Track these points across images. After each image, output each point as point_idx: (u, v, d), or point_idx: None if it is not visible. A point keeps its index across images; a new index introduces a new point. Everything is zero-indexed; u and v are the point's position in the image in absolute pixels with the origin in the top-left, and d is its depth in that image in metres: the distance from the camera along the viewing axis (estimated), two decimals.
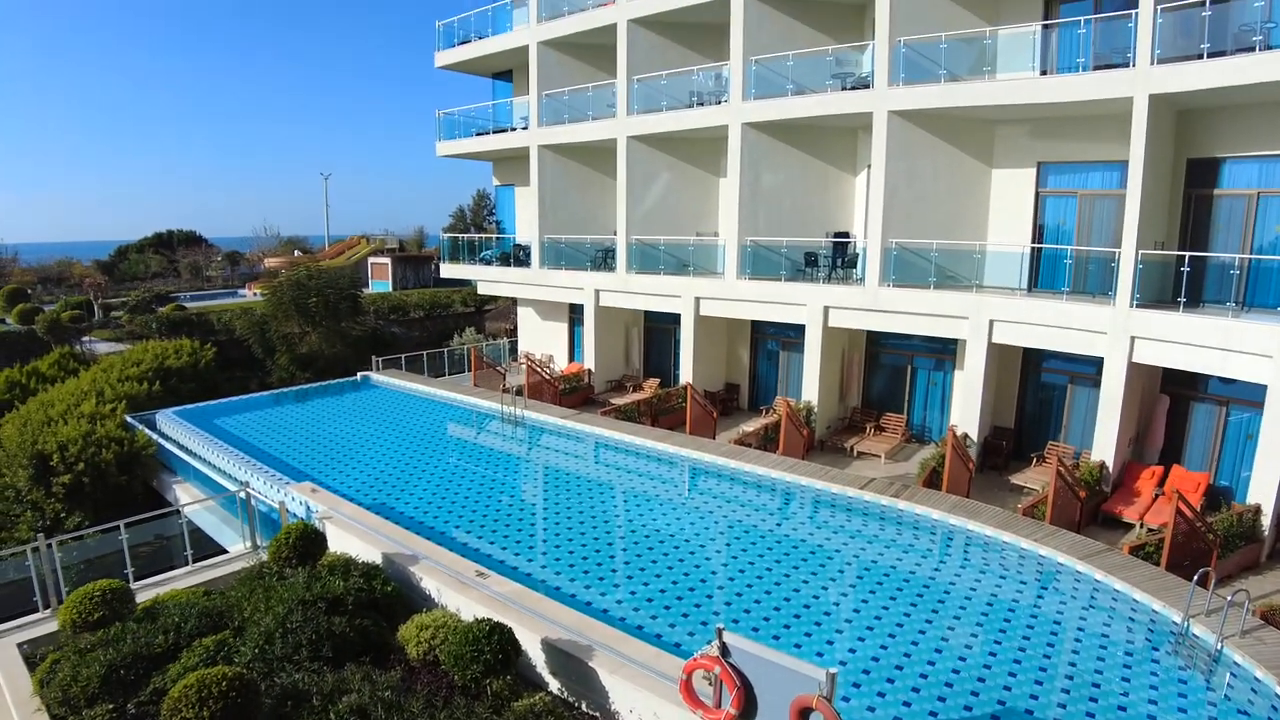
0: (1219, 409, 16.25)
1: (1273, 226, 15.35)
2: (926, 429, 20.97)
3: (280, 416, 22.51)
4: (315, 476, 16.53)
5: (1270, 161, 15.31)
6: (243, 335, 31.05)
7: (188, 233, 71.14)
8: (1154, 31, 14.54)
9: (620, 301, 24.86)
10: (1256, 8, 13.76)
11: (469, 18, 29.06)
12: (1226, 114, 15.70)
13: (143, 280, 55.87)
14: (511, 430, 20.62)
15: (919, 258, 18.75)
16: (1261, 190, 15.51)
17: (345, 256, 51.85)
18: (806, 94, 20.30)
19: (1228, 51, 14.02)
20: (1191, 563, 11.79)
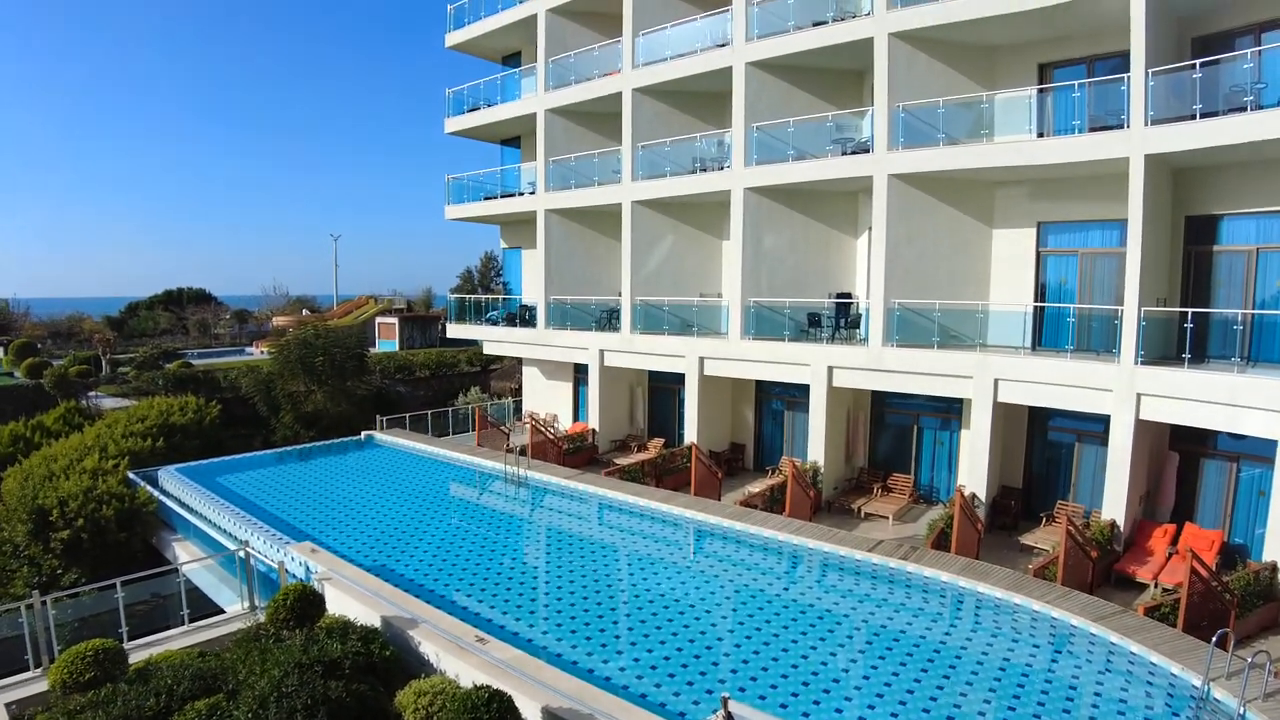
0: (1230, 465, 16.07)
1: (1273, 282, 15.40)
2: (934, 489, 20.73)
3: (283, 475, 22.43)
4: (316, 536, 16.38)
5: (1268, 218, 15.46)
6: (248, 393, 31.14)
7: (197, 290, 72.08)
8: (1146, 93, 14.85)
9: (625, 361, 24.92)
10: (1245, 69, 14.09)
11: (478, 85, 29.91)
12: (1222, 172, 15.92)
13: (151, 337, 56.36)
14: (514, 491, 20.47)
15: (922, 318, 18.81)
16: (1260, 246, 15.63)
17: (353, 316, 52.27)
18: (807, 159, 20.68)
19: (1220, 112, 14.31)
20: (1209, 623, 11.52)
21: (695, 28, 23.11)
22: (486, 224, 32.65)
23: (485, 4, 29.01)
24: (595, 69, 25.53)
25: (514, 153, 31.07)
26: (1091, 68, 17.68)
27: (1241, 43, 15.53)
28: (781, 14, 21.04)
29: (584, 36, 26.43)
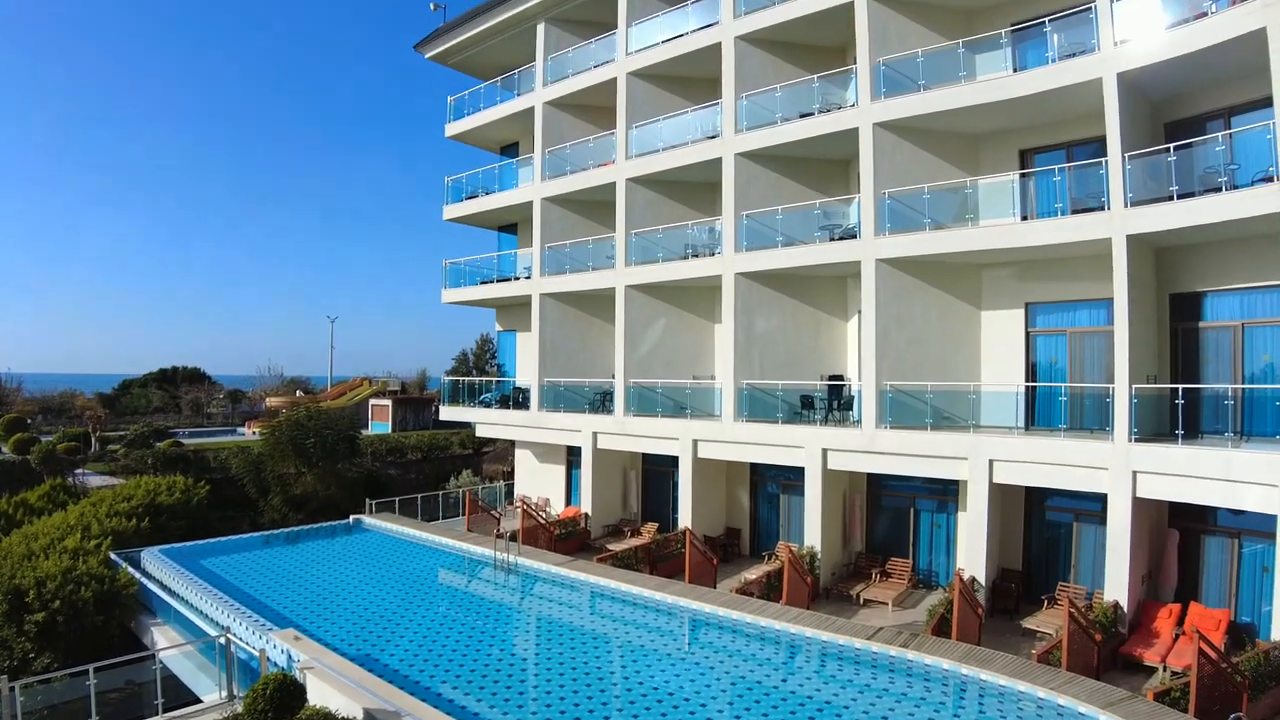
0: (1231, 541, 15.87)
1: (1260, 356, 15.55)
2: (933, 573, 20.34)
3: (269, 558, 21.99)
4: (300, 623, 15.92)
5: (1250, 293, 15.73)
6: (238, 474, 30.86)
7: (192, 369, 72.23)
8: (1124, 176, 15.32)
9: (618, 444, 24.78)
10: (1218, 151, 14.57)
11: (477, 174, 30.76)
12: (1203, 250, 16.28)
13: (144, 415, 56.17)
14: (504, 578, 20.00)
15: (914, 399, 18.84)
16: (1245, 321, 15.84)
17: (347, 398, 52.30)
18: (796, 245, 21.10)
19: (1196, 192, 14.75)
20: (1221, 707, 11.13)
21: (686, 120, 23.90)
22: (483, 307, 33.02)
23: (484, 96, 30.12)
24: (590, 159, 26.27)
25: (510, 238, 31.70)
26: (1071, 153, 18.25)
27: (1212, 126, 16.10)
28: (769, 106, 21.80)
29: (579, 128, 27.31)
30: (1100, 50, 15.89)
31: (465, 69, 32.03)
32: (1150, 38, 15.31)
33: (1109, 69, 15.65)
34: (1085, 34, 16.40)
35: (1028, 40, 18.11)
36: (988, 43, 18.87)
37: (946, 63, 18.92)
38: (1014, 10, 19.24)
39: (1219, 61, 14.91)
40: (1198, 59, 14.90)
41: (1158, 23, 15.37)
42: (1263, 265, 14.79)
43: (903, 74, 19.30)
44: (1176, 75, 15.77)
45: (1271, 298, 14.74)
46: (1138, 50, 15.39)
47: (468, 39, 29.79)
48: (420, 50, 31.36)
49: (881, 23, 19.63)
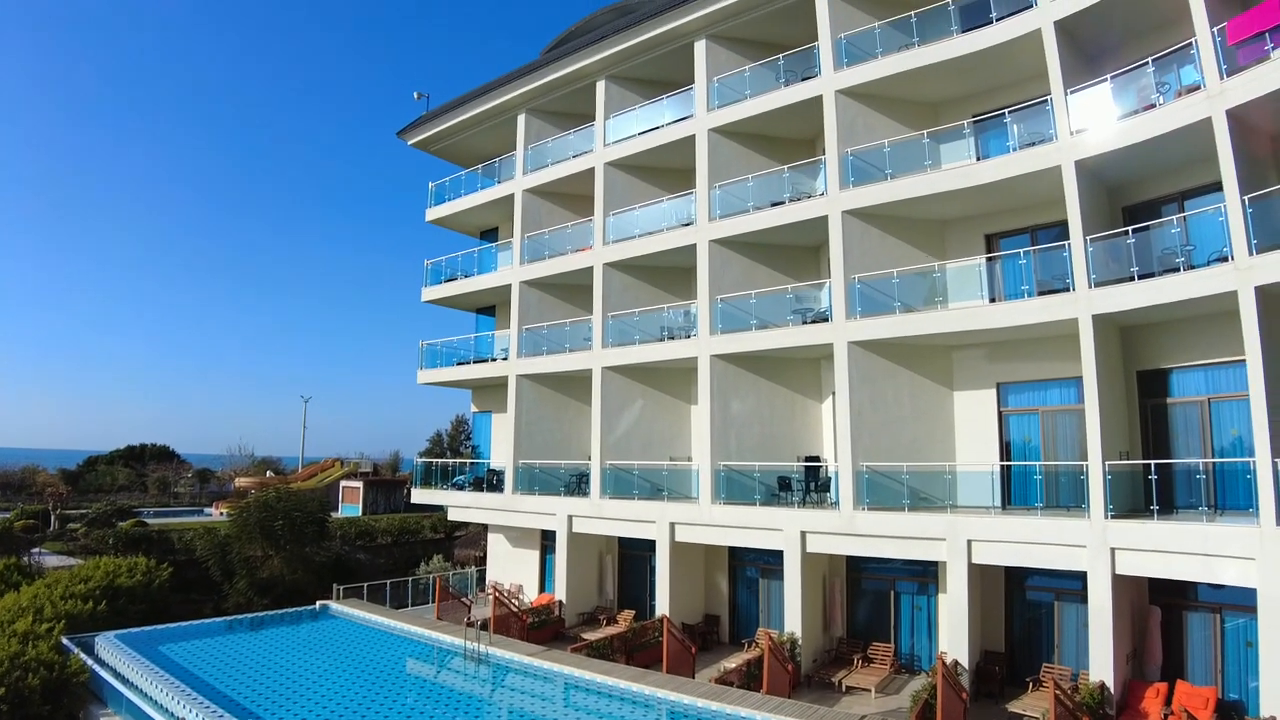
0: (1213, 617, 15.74)
1: (1228, 430, 15.78)
2: (915, 657, 19.89)
3: (231, 645, 21.08)
4: (262, 714, 15.18)
5: (1214, 369, 16.07)
6: (203, 556, 29.92)
7: (160, 447, 70.74)
8: (1086, 258, 15.84)
9: (594, 528, 24.38)
10: (1173, 234, 15.14)
11: (456, 257, 31.11)
12: (1167, 328, 16.72)
13: (108, 492, 54.64)
14: (474, 669, 19.28)
15: (891, 480, 18.82)
16: (1211, 396, 16.15)
17: (318, 479, 51.40)
18: (770, 328, 21.41)
19: (1156, 272, 15.26)
20: None
21: (661, 209, 24.52)
22: (459, 388, 32.90)
23: (465, 182, 30.75)
24: (568, 244, 26.74)
25: (488, 320, 31.84)
26: (1035, 236, 18.85)
27: (1168, 209, 16.76)
28: (742, 195, 22.48)
29: (557, 214, 27.88)
30: (1058, 139, 16.65)
31: (446, 156, 32.82)
32: (1104, 127, 16.08)
33: (1067, 157, 16.37)
34: (1043, 124, 17.20)
35: (989, 130, 18.94)
36: (951, 133, 19.68)
37: (912, 152, 19.66)
38: (975, 102, 20.17)
39: (1170, 149, 15.66)
40: (1149, 147, 15.65)
41: (1110, 114, 16.16)
42: (1224, 341, 15.15)
43: (870, 163, 20.02)
44: (1131, 162, 16.51)
45: (1235, 372, 15.03)
46: (1093, 139, 16.15)
47: (449, 127, 30.64)
48: (403, 137, 32.14)
49: (849, 115, 20.46)
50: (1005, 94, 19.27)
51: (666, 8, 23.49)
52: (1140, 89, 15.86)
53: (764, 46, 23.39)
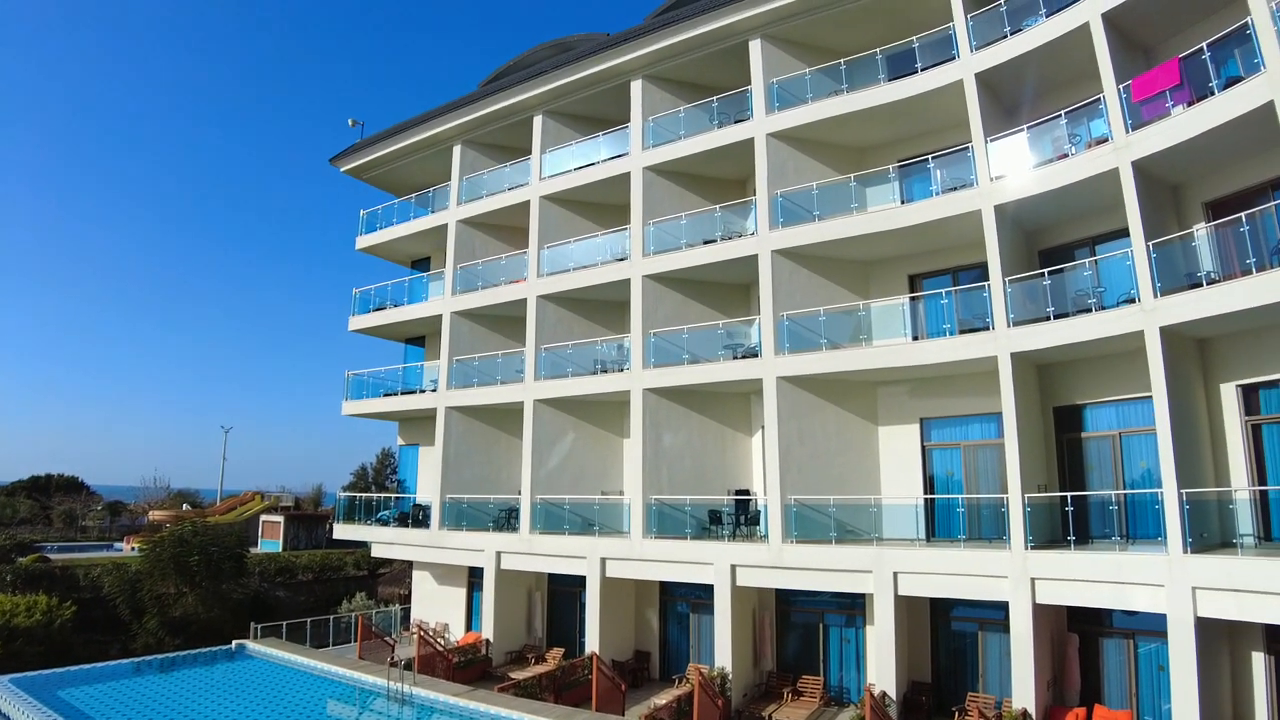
0: (1127, 642, 16.34)
1: (1138, 463, 16.56)
2: (845, 689, 20.04)
3: (139, 689, 19.83)
4: None
5: (1124, 404, 16.91)
6: (111, 594, 28.26)
7: (68, 478, 66.60)
8: (1005, 299, 16.60)
9: (523, 564, 23.96)
10: (1085, 276, 16.02)
11: (385, 287, 30.57)
12: (1081, 365, 17.53)
13: (7, 526, 51.02)
14: (398, 710, 18.63)
15: (818, 513, 19.10)
16: (1122, 430, 16.96)
17: (237, 513, 49.29)
18: (701, 363, 21.66)
19: (1070, 313, 16.06)
20: None
21: (596, 243, 24.69)
22: (385, 420, 32.15)
23: (397, 211, 30.44)
24: (502, 276, 26.61)
25: (417, 350, 31.30)
26: (956, 277, 19.61)
27: (1080, 253, 17.73)
28: (675, 233, 22.85)
29: (491, 246, 27.77)
30: (978, 185, 17.49)
31: (379, 184, 32.45)
32: (1022, 174, 16.99)
33: (987, 202, 17.20)
34: (965, 170, 18.06)
35: (913, 175, 19.78)
36: (877, 177, 20.50)
37: (839, 195, 20.38)
38: (901, 148, 21.06)
39: (1081, 196, 16.61)
40: (1063, 194, 16.59)
41: (1027, 161, 17.10)
42: (1133, 378, 15.90)
43: (799, 205, 20.63)
44: (1047, 207, 17.43)
45: (1143, 408, 15.79)
46: (1012, 185, 17.03)
47: (384, 155, 30.35)
48: (335, 164, 31.66)
49: (780, 158, 21.09)
50: (929, 140, 20.18)
51: (604, 47, 23.94)
52: (1054, 139, 16.86)
53: (699, 88, 24.01)
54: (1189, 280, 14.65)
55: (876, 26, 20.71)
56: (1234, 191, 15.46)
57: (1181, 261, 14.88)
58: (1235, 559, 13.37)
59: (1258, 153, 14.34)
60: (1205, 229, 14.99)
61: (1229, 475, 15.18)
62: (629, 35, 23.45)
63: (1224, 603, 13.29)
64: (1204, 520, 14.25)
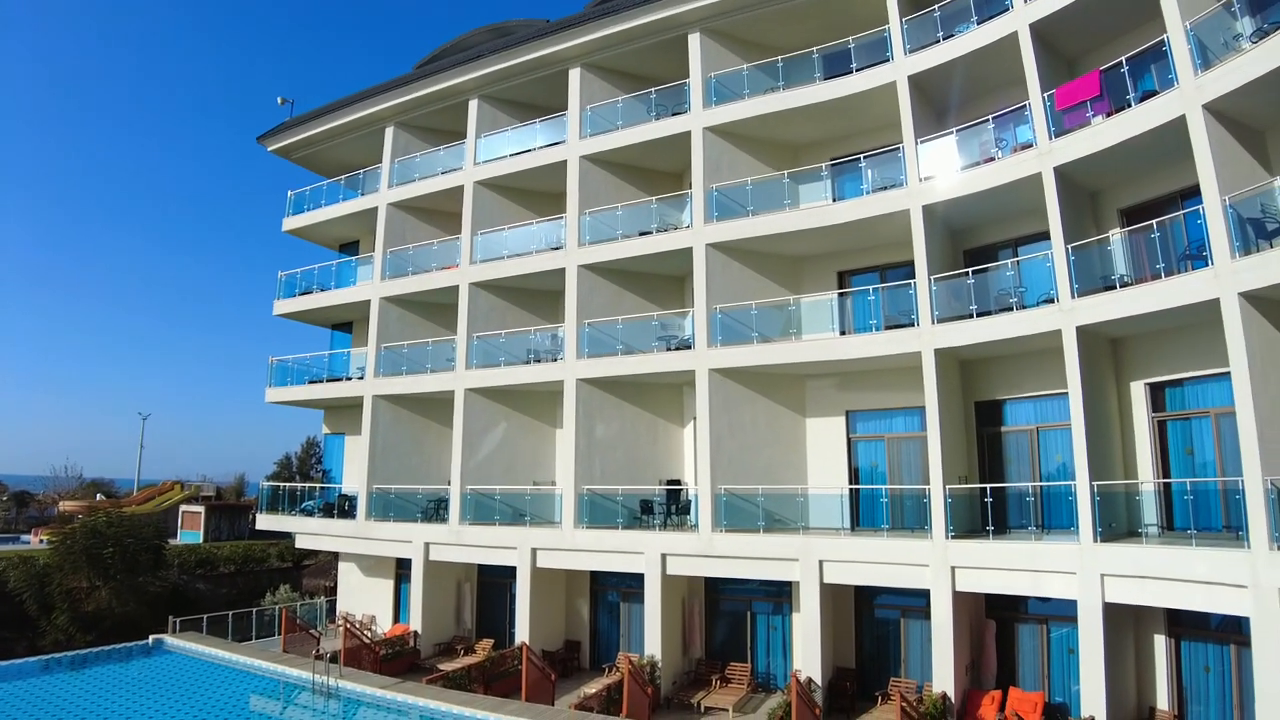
0: (1040, 627, 17.13)
1: (1054, 456, 17.34)
2: (771, 676, 20.49)
3: (47, 688, 18.96)
4: None
5: (1042, 400, 17.65)
6: (16, 588, 26.85)
7: None
8: (931, 297, 17.13)
9: (452, 555, 23.71)
10: (1008, 276, 16.66)
11: (312, 270, 29.67)
12: (1001, 362, 18.22)
13: None
14: (323, 703, 18.27)
15: (747, 503, 19.44)
16: (1039, 425, 17.72)
17: (155, 503, 47.27)
18: (635, 354, 21.74)
19: (992, 311, 16.68)
20: None
21: (531, 231, 24.47)
22: (310, 408, 31.31)
23: (326, 193, 29.60)
24: (433, 261, 26.16)
25: (344, 337, 30.52)
26: (884, 274, 20.13)
27: (1003, 254, 18.42)
28: (611, 223, 22.83)
29: (423, 230, 27.25)
30: (908, 185, 17.99)
31: (308, 165, 31.47)
32: (949, 176, 17.56)
33: (916, 202, 17.70)
34: (895, 170, 18.53)
35: (845, 173, 20.20)
36: (810, 174, 20.87)
37: (773, 191, 20.67)
38: (834, 146, 21.48)
39: (1006, 198, 17.23)
40: (988, 196, 17.20)
41: (955, 164, 17.67)
42: (1050, 375, 16.61)
43: (733, 199, 20.86)
44: (973, 209, 18.03)
45: (1059, 404, 16.51)
46: (940, 186, 17.58)
47: (313, 135, 29.44)
48: (263, 143, 30.55)
49: (715, 152, 21.27)
50: (862, 139, 20.61)
51: (543, 33, 23.68)
52: (982, 143, 17.46)
53: (637, 79, 23.99)
54: (1104, 283, 15.38)
55: (814, 25, 21.04)
56: (1147, 200, 16.27)
57: (1098, 264, 15.62)
58: (1141, 548, 14.18)
59: (1170, 163, 15.05)
60: (1120, 234, 15.77)
61: (1136, 469, 16.07)
62: (569, 23, 23.27)
63: (1130, 589, 14.08)
64: (1113, 511, 15.05)
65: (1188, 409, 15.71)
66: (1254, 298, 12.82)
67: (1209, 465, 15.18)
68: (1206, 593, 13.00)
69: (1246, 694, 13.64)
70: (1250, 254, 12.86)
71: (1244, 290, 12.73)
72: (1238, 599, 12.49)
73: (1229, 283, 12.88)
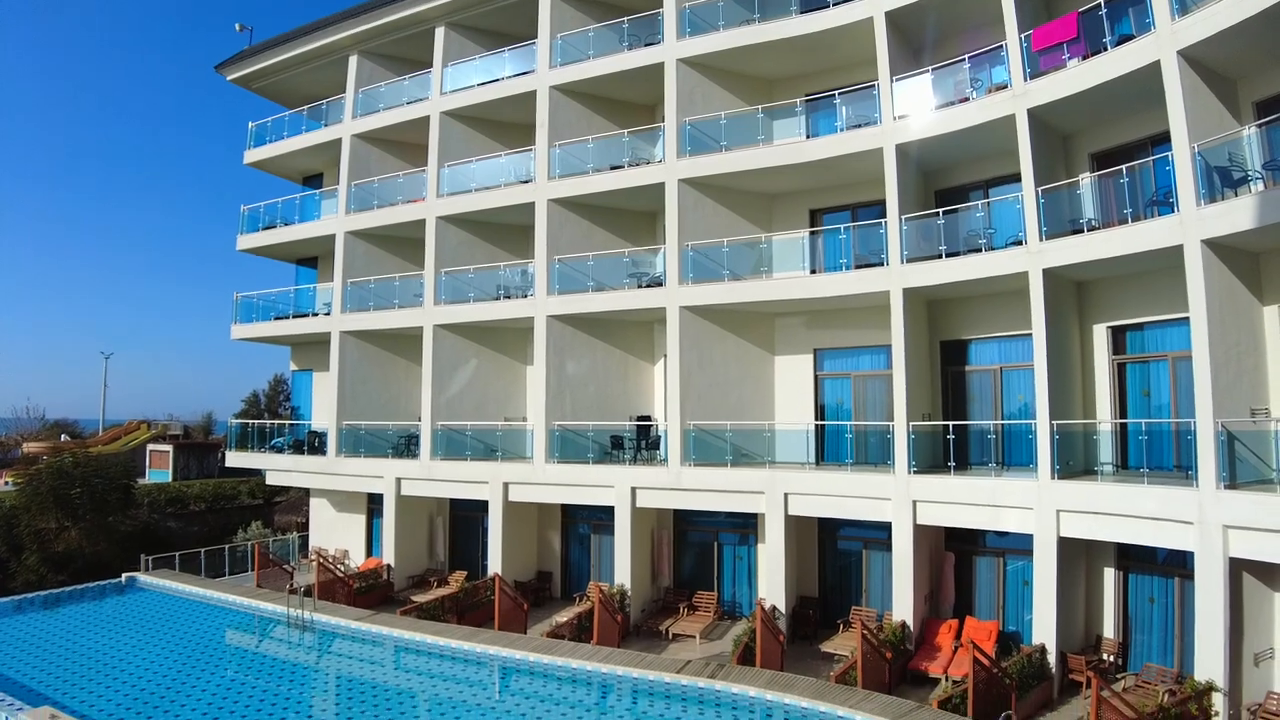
0: (997, 560, 17.84)
1: (1016, 396, 17.80)
2: (737, 604, 21.19)
3: (20, 627, 18.97)
4: (60, 699, 13.87)
5: (1006, 341, 18.02)
6: None
7: None
8: (901, 236, 17.22)
9: (424, 490, 23.92)
10: (978, 217, 16.78)
11: (275, 204, 28.96)
12: (968, 302, 18.46)
13: None
14: (299, 636, 18.54)
15: (715, 438, 19.77)
16: (1003, 365, 18.12)
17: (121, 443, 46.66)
18: (606, 290, 21.70)
19: (961, 252, 16.84)
20: (995, 708, 12.38)
21: (500, 163, 24.01)
22: (277, 345, 30.95)
23: (289, 124, 28.67)
24: (399, 195, 25.63)
25: (309, 272, 30.00)
26: (855, 213, 20.17)
27: (974, 195, 18.43)
28: (582, 156, 22.43)
29: (388, 163, 26.63)
30: (882, 124, 17.87)
31: (269, 95, 30.41)
32: (924, 115, 17.46)
33: (889, 140, 17.62)
34: (870, 108, 18.37)
35: (820, 110, 20.00)
36: (784, 110, 20.63)
37: (747, 126, 20.43)
38: (809, 82, 21.17)
39: (979, 140, 17.23)
40: (962, 136, 17.17)
41: (930, 103, 17.56)
42: (1016, 316, 16.92)
43: (707, 134, 20.59)
44: (945, 149, 18.00)
45: (1023, 344, 16.87)
46: (914, 125, 17.49)
47: (274, 64, 28.38)
48: (222, 72, 29.38)
49: (689, 85, 20.87)
50: (837, 76, 20.32)
51: None
52: (957, 83, 17.32)
53: (610, 7, 23.33)
54: (1072, 226, 15.57)
55: None
56: (1118, 145, 16.34)
57: (1067, 208, 15.78)
58: (1095, 484, 14.75)
59: (1142, 109, 15.10)
60: (1090, 178, 15.91)
61: (1095, 409, 16.54)
62: None
63: (1084, 524, 14.68)
64: (1071, 450, 15.54)
65: (1146, 352, 16.11)
66: (1216, 245, 13.07)
67: (1164, 407, 15.68)
68: (1155, 528, 13.60)
69: (1187, 623, 14.41)
70: (1216, 202, 13.06)
71: (1207, 237, 12.96)
72: (1184, 535, 13.10)
73: (1194, 230, 13.09)
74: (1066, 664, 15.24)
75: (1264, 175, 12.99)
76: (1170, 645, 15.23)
